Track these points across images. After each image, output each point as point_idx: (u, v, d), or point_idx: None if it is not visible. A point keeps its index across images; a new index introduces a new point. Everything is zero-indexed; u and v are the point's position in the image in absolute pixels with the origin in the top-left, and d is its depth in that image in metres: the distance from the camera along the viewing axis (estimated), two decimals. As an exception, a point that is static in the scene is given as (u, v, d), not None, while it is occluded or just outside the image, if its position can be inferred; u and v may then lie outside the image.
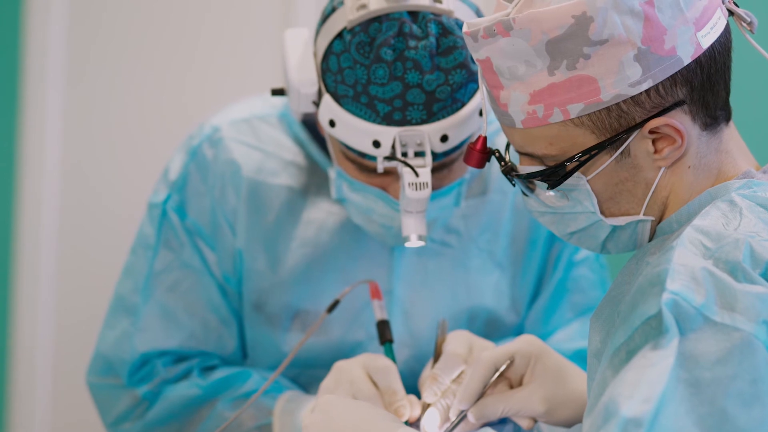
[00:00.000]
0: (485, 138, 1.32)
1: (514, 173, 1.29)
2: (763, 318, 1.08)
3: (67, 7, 2.86)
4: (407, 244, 1.50)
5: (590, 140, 1.21)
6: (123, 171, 2.88)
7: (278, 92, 1.56)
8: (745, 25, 1.25)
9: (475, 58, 1.25)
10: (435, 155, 1.47)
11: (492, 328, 1.71)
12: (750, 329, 1.07)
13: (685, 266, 1.11)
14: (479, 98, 1.47)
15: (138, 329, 1.66)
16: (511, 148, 1.34)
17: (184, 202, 1.67)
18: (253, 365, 1.71)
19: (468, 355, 1.48)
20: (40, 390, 2.89)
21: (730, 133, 1.27)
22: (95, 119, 2.88)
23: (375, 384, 1.45)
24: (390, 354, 1.51)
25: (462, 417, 1.41)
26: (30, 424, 2.89)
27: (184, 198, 1.67)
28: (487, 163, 1.34)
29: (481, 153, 1.32)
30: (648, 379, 1.06)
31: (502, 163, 1.31)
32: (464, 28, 1.24)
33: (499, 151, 1.32)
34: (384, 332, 1.52)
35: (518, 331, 1.75)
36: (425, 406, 1.45)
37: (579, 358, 1.68)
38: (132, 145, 2.87)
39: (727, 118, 1.26)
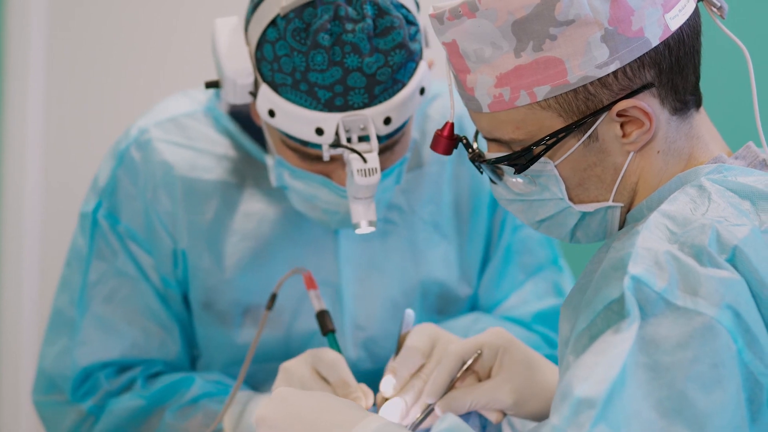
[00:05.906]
0: (452, 124, 1.30)
1: (481, 159, 1.27)
2: (727, 302, 1.06)
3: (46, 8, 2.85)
4: (358, 231, 1.48)
5: (557, 123, 1.20)
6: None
7: (212, 84, 1.53)
8: (715, 10, 1.23)
9: (441, 42, 1.23)
10: (379, 138, 1.45)
11: (445, 302, 1.70)
12: (712, 313, 1.06)
13: (648, 250, 1.10)
14: (419, 77, 1.46)
15: (77, 343, 1.63)
16: (480, 136, 1.32)
17: (115, 207, 1.64)
18: (208, 365, 1.68)
19: (431, 349, 1.44)
20: (25, 387, 2.87)
21: (701, 119, 1.25)
22: (76, 114, 2.86)
23: (325, 380, 1.42)
24: (334, 345, 1.47)
25: (429, 411, 1.38)
26: (16, 424, 2.88)
27: (114, 203, 1.64)
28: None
29: (448, 139, 1.31)
30: (605, 362, 1.05)
31: (470, 149, 1.29)
32: (430, 11, 1.23)
33: (466, 138, 1.31)
34: (325, 323, 1.48)
35: (472, 302, 1.74)
36: (383, 401, 1.41)
37: (541, 319, 1.66)
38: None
39: (698, 103, 1.24)
